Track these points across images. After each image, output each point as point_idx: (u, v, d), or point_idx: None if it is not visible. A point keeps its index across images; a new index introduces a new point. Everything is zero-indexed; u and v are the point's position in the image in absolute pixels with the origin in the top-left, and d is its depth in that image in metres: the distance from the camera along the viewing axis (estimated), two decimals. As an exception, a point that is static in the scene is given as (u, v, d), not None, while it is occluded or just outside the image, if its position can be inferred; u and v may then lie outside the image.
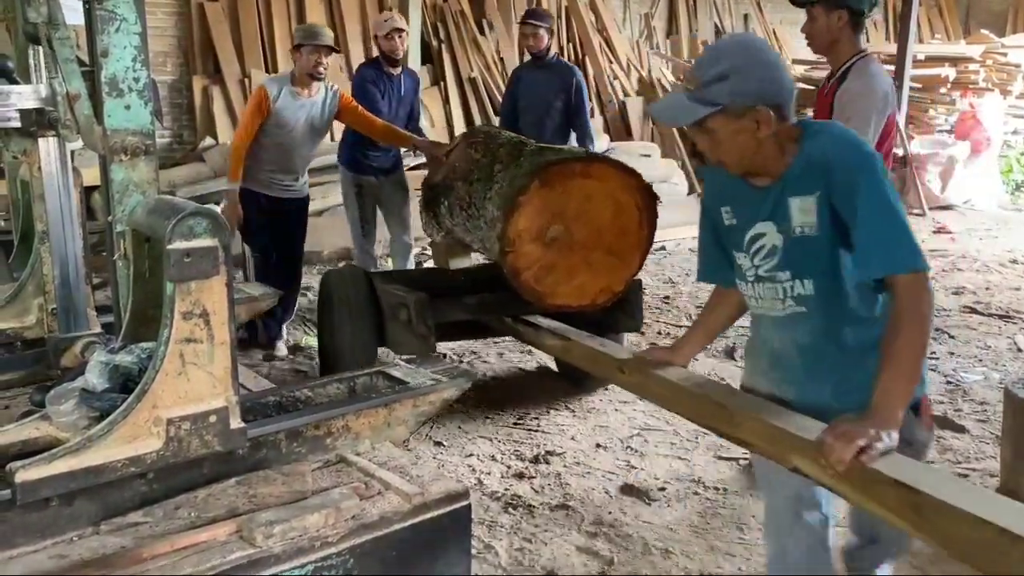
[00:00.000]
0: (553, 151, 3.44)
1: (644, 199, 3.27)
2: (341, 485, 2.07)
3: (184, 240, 1.89)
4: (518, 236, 3.12)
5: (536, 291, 3.22)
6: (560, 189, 3.14)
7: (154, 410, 1.91)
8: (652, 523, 3.06)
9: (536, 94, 5.22)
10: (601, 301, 3.36)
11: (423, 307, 3.35)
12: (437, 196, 3.91)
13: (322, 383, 2.47)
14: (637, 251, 3.34)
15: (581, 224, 3.20)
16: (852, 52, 3.11)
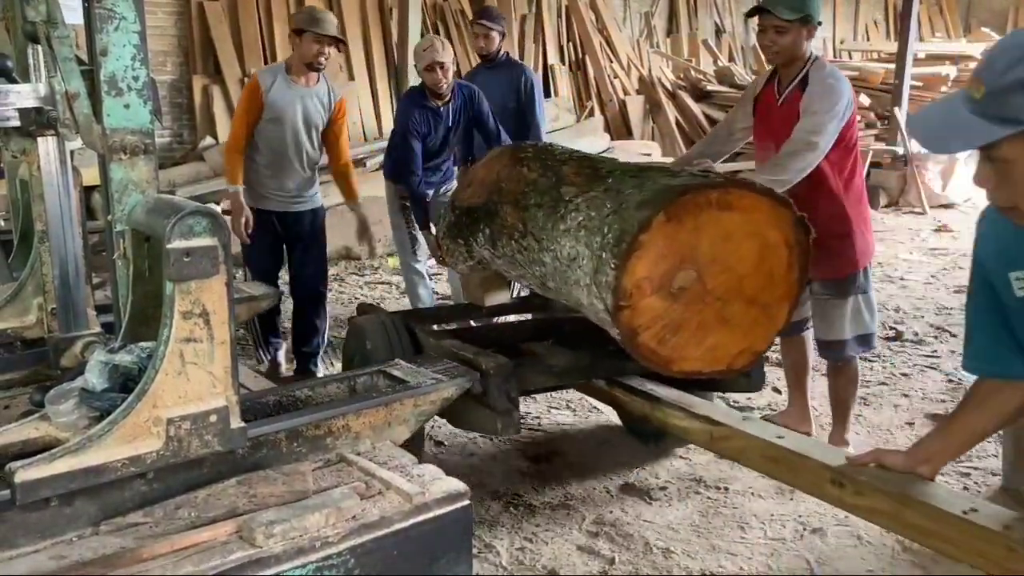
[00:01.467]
0: (670, 173, 2.74)
1: (796, 235, 2.52)
2: (342, 485, 2.07)
3: (183, 239, 1.88)
4: (636, 287, 2.37)
5: (658, 355, 2.48)
6: (691, 225, 2.39)
7: (154, 410, 1.90)
8: (653, 522, 3.06)
9: (494, 97, 4.79)
10: (739, 365, 2.63)
11: (506, 377, 2.67)
12: (473, 221, 3.31)
13: (322, 382, 2.47)
14: (785, 301, 2.57)
15: (717, 269, 2.45)
16: (805, 60, 3.19)
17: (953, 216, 8.44)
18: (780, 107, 3.22)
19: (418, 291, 4.83)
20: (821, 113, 3.05)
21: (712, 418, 2.59)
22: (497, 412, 2.63)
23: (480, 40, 5.04)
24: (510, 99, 4.93)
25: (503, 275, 3.51)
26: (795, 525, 3.02)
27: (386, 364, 2.57)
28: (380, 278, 6.38)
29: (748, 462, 2.55)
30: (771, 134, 3.26)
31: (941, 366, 4.46)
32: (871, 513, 2.10)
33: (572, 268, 2.61)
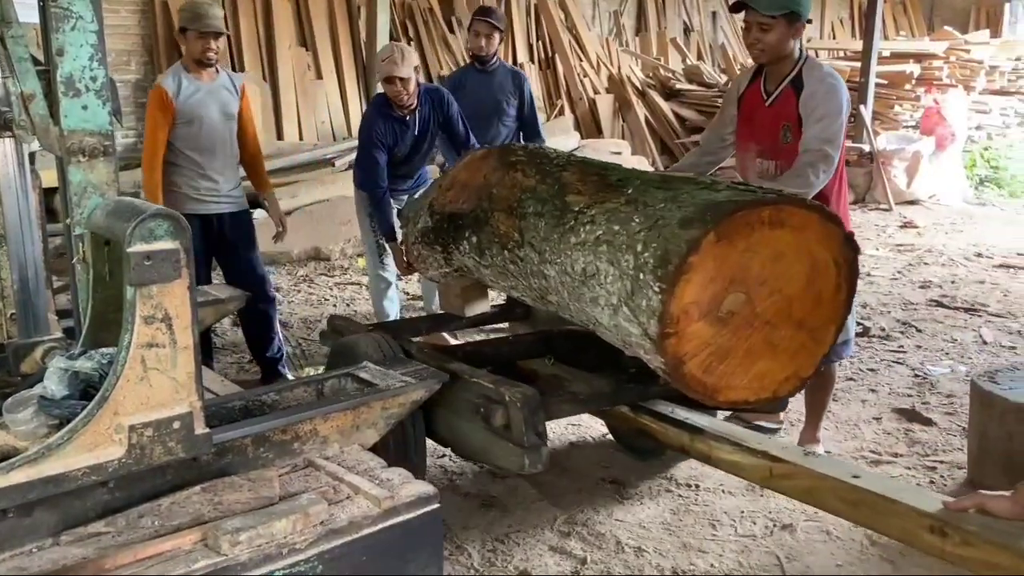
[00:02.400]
0: (704, 184, 2.49)
1: (845, 253, 2.38)
2: (309, 490, 2.05)
3: (144, 243, 1.85)
4: (684, 312, 2.19)
5: (704, 385, 2.31)
6: (742, 245, 2.21)
7: (115, 417, 1.87)
8: (625, 521, 3.06)
9: (487, 101, 4.70)
10: (784, 393, 2.48)
11: (534, 409, 2.46)
12: (456, 228, 3.12)
13: (289, 386, 2.44)
14: (832, 324, 2.43)
15: (766, 291, 2.29)
16: (792, 62, 3.10)
17: (918, 212, 8.55)
18: (769, 107, 3.13)
19: (383, 302, 4.67)
20: (829, 118, 2.96)
21: (771, 453, 2.37)
22: (525, 448, 2.41)
23: (480, 40, 4.75)
24: (510, 104, 4.79)
25: (483, 284, 3.38)
26: (765, 521, 3.04)
27: (355, 367, 2.54)
28: (350, 279, 6.33)
29: (819, 504, 2.33)
30: (755, 135, 3.19)
31: (908, 361, 4.51)
32: (981, 566, 1.92)
33: (589, 285, 2.43)
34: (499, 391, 2.51)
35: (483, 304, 3.56)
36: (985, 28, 13.46)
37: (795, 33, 3.05)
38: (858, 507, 2.18)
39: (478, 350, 3.28)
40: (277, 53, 8.53)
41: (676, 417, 2.67)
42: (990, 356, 4.56)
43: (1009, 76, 10.45)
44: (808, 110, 3.01)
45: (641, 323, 2.25)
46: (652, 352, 2.28)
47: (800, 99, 3.05)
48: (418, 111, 4.26)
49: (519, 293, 3.00)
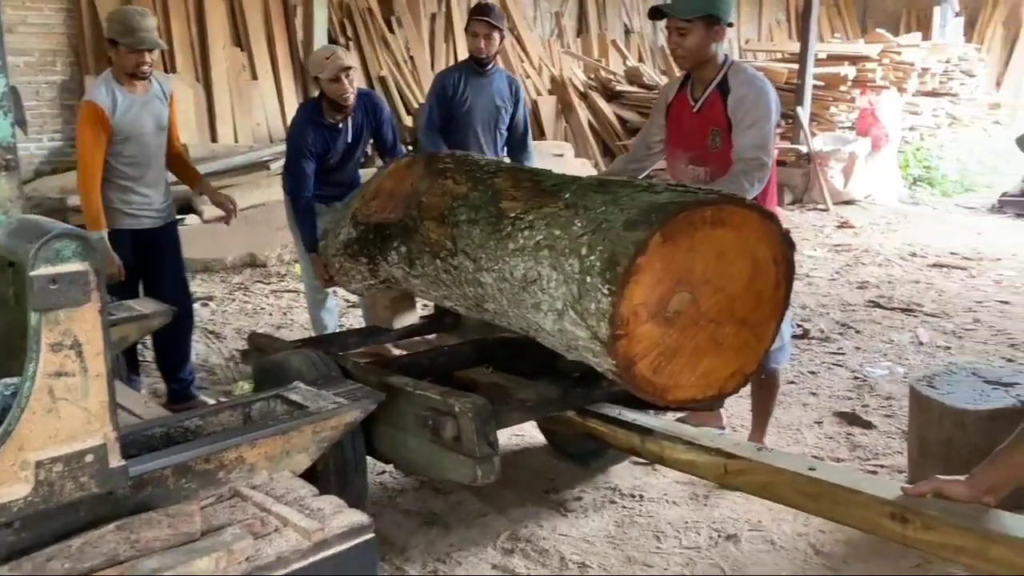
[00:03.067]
0: (643, 187, 2.51)
1: (783, 250, 2.42)
2: (234, 523, 1.94)
3: (50, 265, 1.72)
4: (633, 314, 2.20)
5: (654, 385, 2.32)
6: (686, 244, 2.24)
7: (20, 452, 1.74)
8: (569, 535, 3.00)
9: (485, 107, 4.39)
10: (730, 389, 2.51)
11: (485, 419, 2.42)
12: (383, 238, 3.04)
13: (214, 411, 2.33)
14: (773, 320, 2.47)
15: (710, 290, 2.31)
16: (720, 64, 3.09)
17: (854, 212, 8.69)
18: (696, 114, 3.12)
19: (320, 312, 4.52)
20: (759, 123, 2.95)
21: (725, 450, 2.39)
22: (476, 459, 2.38)
23: (479, 41, 4.33)
24: (507, 111, 4.48)
25: (412, 295, 3.31)
26: (709, 532, 3.01)
27: (284, 388, 2.44)
28: (287, 286, 6.17)
29: (777, 498, 2.35)
30: (684, 142, 3.17)
31: (847, 363, 4.55)
32: (943, 549, 1.96)
33: (530, 291, 2.41)
34: (447, 402, 2.46)
35: (412, 315, 3.48)
36: (915, 31, 13.79)
37: (715, 36, 3.02)
38: (818, 499, 2.21)
39: (414, 362, 3.18)
40: (211, 53, 8.31)
41: (625, 419, 2.67)
42: (926, 357, 4.62)
43: (940, 78, 10.69)
44: (738, 116, 3.00)
45: (590, 326, 2.24)
46: (602, 354, 2.26)
47: (728, 103, 3.04)
48: (351, 117, 4.12)
49: (452, 302, 2.94)
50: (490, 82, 4.45)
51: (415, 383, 2.66)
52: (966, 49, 11.68)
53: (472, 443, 2.40)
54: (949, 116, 10.77)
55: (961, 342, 4.83)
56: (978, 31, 14.02)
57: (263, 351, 3.31)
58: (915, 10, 15.58)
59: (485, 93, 4.42)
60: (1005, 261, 6.66)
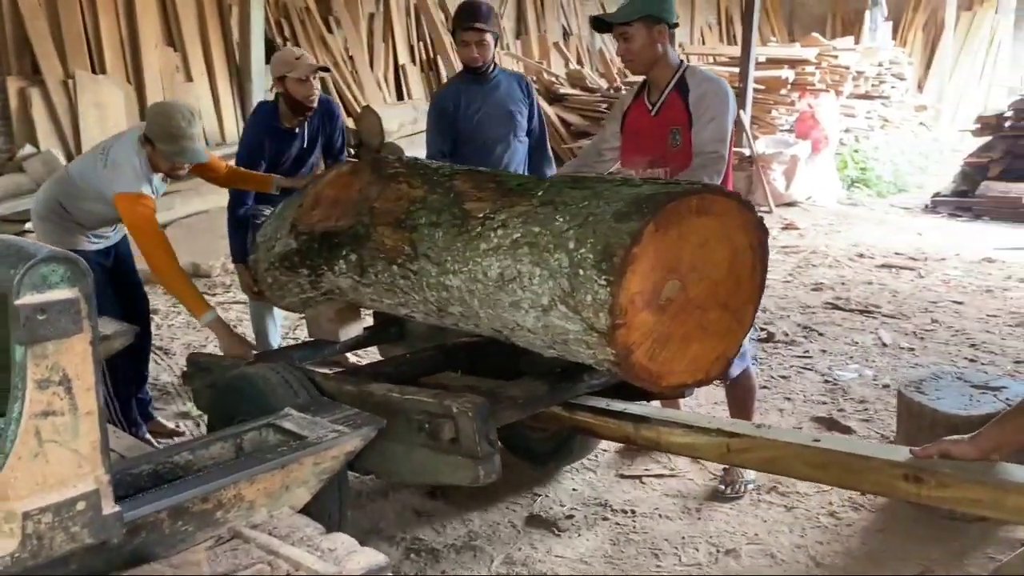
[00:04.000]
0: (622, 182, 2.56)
1: (758, 236, 2.51)
2: (240, 569, 1.78)
3: (36, 292, 1.54)
4: (630, 302, 2.23)
5: (649, 372, 2.36)
6: (675, 233, 2.30)
7: (5, 503, 1.56)
8: (565, 556, 2.90)
9: (495, 114, 3.88)
10: (715, 373, 2.58)
11: (485, 418, 2.40)
12: (330, 247, 2.96)
13: (204, 443, 2.15)
14: (751, 304, 2.56)
15: (696, 277, 2.38)
16: (674, 65, 3.12)
17: (797, 214, 8.79)
18: (654, 117, 3.13)
19: (266, 323, 4.29)
20: (719, 118, 2.99)
21: (725, 430, 2.45)
22: (478, 459, 2.35)
23: (471, 50, 3.77)
24: (520, 115, 3.94)
25: (356, 306, 3.22)
26: (708, 548, 2.94)
27: (275, 415, 2.27)
28: (234, 297, 5.91)
29: (784, 471, 2.43)
30: (642, 148, 3.15)
31: (816, 367, 4.55)
32: (960, 503, 2.06)
33: (508, 290, 2.41)
34: (443, 404, 2.41)
35: (357, 327, 3.34)
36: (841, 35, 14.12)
37: (659, 36, 3.06)
38: (827, 468, 2.26)
39: (380, 371, 3.05)
40: (142, 53, 7.93)
41: (615, 409, 2.67)
42: (892, 359, 4.66)
43: (872, 81, 10.95)
44: (699, 111, 3.03)
45: (586, 318, 2.26)
46: (598, 345, 2.29)
47: (689, 100, 3.06)
48: (308, 122, 3.96)
49: (408, 309, 2.87)
50: (495, 87, 3.93)
51: (400, 389, 2.58)
52: (896, 52, 12.00)
53: (472, 443, 2.37)
54: (881, 118, 11.03)
55: (923, 343, 4.89)
56: (900, 35, 14.45)
57: (207, 371, 3.15)
58: (840, 14, 15.99)
59: (493, 100, 3.90)
60: (949, 261, 6.81)
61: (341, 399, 2.59)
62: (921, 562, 2.81)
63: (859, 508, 3.15)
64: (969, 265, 6.70)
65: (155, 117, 3.35)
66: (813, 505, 3.18)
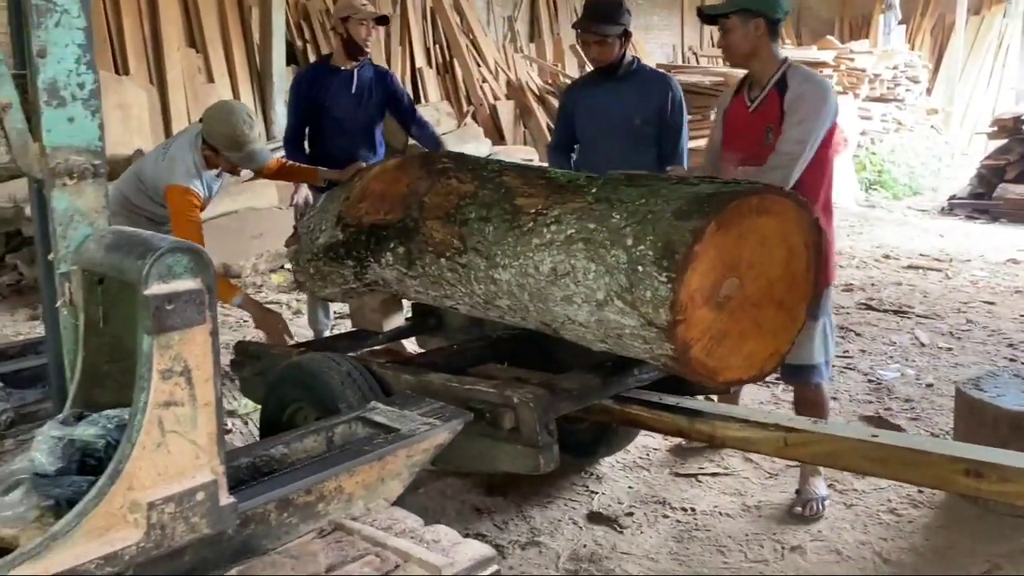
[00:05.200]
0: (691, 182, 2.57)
1: (813, 235, 2.54)
2: (350, 560, 1.78)
3: (163, 283, 1.55)
4: (690, 299, 2.27)
5: (707, 367, 2.40)
6: (736, 232, 2.34)
7: (130, 493, 1.56)
8: (631, 553, 2.90)
9: (611, 117, 3.66)
10: (769, 369, 2.61)
11: (547, 408, 2.44)
12: (378, 240, 3.00)
13: (298, 436, 2.15)
14: (804, 301, 2.59)
15: (754, 275, 2.42)
16: (776, 62, 3.05)
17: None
18: (752, 112, 3.07)
19: (317, 308, 4.43)
20: (809, 120, 2.92)
21: (783, 425, 2.47)
22: (538, 448, 2.39)
23: (592, 50, 3.65)
24: (641, 115, 3.66)
25: (399, 297, 3.28)
26: (772, 544, 2.94)
27: (364, 409, 2.27)
28: (266, 297, 5.91)
29: (842, 465, 2.48)
30: (737, 144, 3.11)
31: (857, 366, 4.56)
32: (1021, 498, 2.08)
33: (560, 284, 2.46)
34: (504, 394, 2.46)
35: (399, 318, 3.40)
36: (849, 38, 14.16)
37: (756, 31, 2.99)
38: (886, 463, 2.30)
39: (430, 361, 3.07)
40: (165, 55, 7.94)
41: (668, 403, 2.69)
42: (931, 358, 4.67)
43: (888, 84, 10.99)
44: (792, 111, 2.97)
45: (644, 313, 2.30)
46: (657, 340, 2.33)
47: (786, 99, 2.99)
48: (360, 73, 4.18)
49: (453, 301, 2.92)
50: (623, 85, 3.67)
51: (459, 379, 2.62)
52: (911, 56, 12.03)
53: (533, 432, 2.41)
54: (895, 121, 11.06)
55: (961, 343, 4.90)
56: (908, 39, 14.49)
57: (256, 359, 3.17)
58: (848, 18, 16.04)
59: (615, 102, 3.66)
60: (974, 262, 6.83)
61: (399, 389, 2.62)
62: (988, 559, 2.81)
63: (919, 505, 3.15)
64: (995, 266, 6.72)
65: (215, 126, 3.38)
66: (872, 503, 3.18)
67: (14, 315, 5.54)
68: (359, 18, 4.06)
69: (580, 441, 3.40)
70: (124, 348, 1.71)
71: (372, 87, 4.22)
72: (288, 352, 3.12)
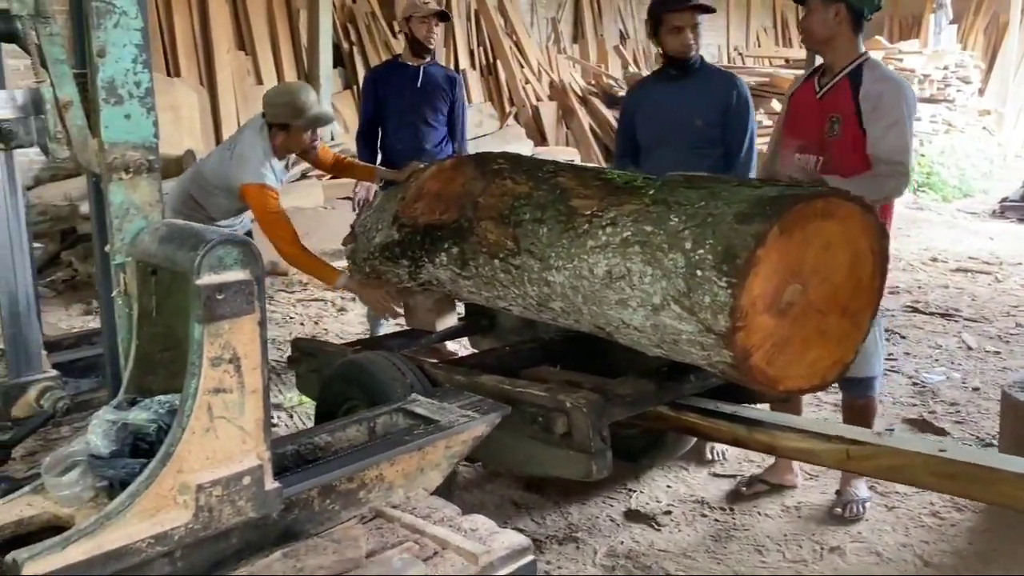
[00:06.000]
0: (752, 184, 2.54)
1: (879, 241, 2.46)
2: (390, 546, 1.83)
3: (214, 273, 1.60)
4: (751, 305, 2.21)
5: (767, 376, 2.33)
6: (799, 237, 2.27)
7: (180, 475, 1.62)
8: (668, 551, 2.91)
9: (672, 118, 3.42)
10: (831, 379, 2.53)
11: (601, 414, 2.42)
12: (432, 240, 3.00)
13: (341, 425, 2.20)
14: (869, 309, 2.51)
15: (818, 281, 2.34)
16: (853, 53, 2.98)
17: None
18: (819, 100, 3.01)
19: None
20: (901, 122, 2.85)
21: (846, 437, 2.41)
22: (591, 454, 2.36)
23: (682, 36, 3.34)
24: (703, 116, 3.41)
25: (452, 297, 3.29)
26: (812, 545, 2.93)
27: (405, 400, 2.32)
28: (312, 295, 6.01)
29: (907, 480, 2.43)
30: (798, 130, 3.06)
31: (902, 369, 4.50)
32: None
33: (615, 288, 2.41)
34: (557, 399, 2.44)
35: (452, 318, 3.41)
36: (899, 38, 13.93)
37: (835, 17, 2.92)
38: (955, 479, 2.24)
39: (482, 362, 3.09)
40: (215, 57, 8.12)
41: (725, 411, 2.63)
42: (978, 362, 4.60)
43: (938, 84, 10.80)
44: (874, 112, 2.89)
45: (702, 319, 2.23)
46: (715, 347, 2.26)
47: (860, 94, 2.92)
48: (427, 70, 4.30)
49: (506, 303, 2.90)
50: (681, 87, 3.44)
51: (511, 381, 2.61)
52: (963, 56, 11.81)
53: (586, 438, 2.39)
54: (945, 122, 10.87)
55: (1009, 347, 4.82)
56: (961, 38, 14.21)
57: (312, 356, 3.22)
58: (898, 18, 15.77)
59: (677, 102, 3.43)
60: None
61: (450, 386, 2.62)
62: (1032, 563, 2.77)
63: (962, 509, 3.11)
64: (1047, 270, 6.58)
65: (275, 101, 3.53)
66: (914, 505, 3.15)
67: (69, 310, 5.71)
68: (420, 16, 4.19)
69: (632, 447, 3.34)
70: (176, 337, 1.78)
71: (438, 85, 4.33)
72: (343, 350, 3.19)
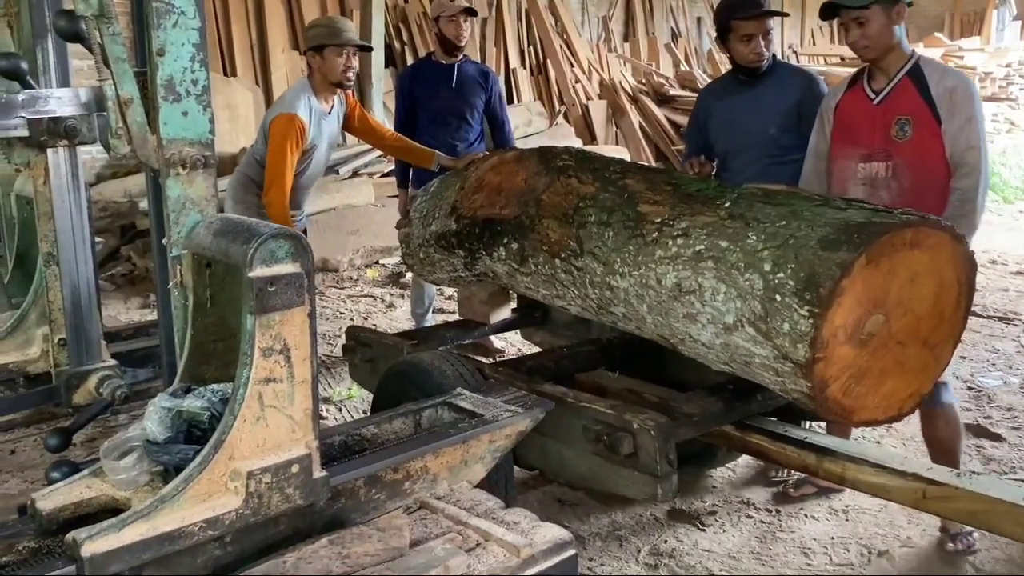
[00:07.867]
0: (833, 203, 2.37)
1: (967, 271, 2.34)
2: (433, 537, 1.85)
3: (266, 266, 1.65)
4: (832, 336, 2.12)
5: (842, 407, 2.25)
6: (886, 267, 2.17)
7: (231, 462, 1.67)
8: (712, 551, 2.90)
9: (745, 128, 3.29)
10: (907, 411, 2.42)
11: (667, 436, 2.35)
12: (492, 234, 2.95)
13: (387, 417, 2.24)
14: (951, 339, 2.39)
15: (900, 312, 2.24)
16: (907, 53, 2.88)
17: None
18: (877, 106, 2.90)
19: (424, 298, 4.63)
20: (975, 117, 2.75)
21: (922, 475, 2.29)
22: (657, 477, 2.30)
23: (758, 43, 3.21)
24: (777, 123, 3.26)
25: (507, 290, 3.27)
26: (859, 548, 2.89)
27: (449, 394, 2.35)
28: (361, 291, 6.10)
29: (989, 527, 2.27)
30: (856, 139, 2.94)
31: (958, 373, 4.39)
32: None
33: (684, 301, 2.34)
34: (623, 418, 2.37)
35: (505, 310, 3.44)
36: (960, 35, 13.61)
37: (897, 19, 2.82)
38: None
39: (540, 364, 3.06)
40: (270, 57, 8.27)
41: (795, 437, 2.53)
42: (1037, 367, 4.49)
43: (1000, 82, 10.53)
44: (950, 107, 2.78)
45: (779, 346, 2.13)
46: (792, 375, 2.16)
47: (932, 93, 2.82)
48: (461, 68, 4.38)
49: (564, 302, 2.85)
50: (754, 92, 3.29)
51: (575, 394, 2.56)
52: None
53: (653, 461, 2.32)
54: (1007, 121, 10.59)
55: (1069, 352, 4.69)
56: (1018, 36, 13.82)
57: (366, 345, 3.26)
58: (959, 15, 15.42)
59: (749, 110, 3.29)
60: (1089, 269, 6.50)
61: None
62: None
63: None
64: (1111, 274, 6.37)
65: (311, 31, 3.72)
66: (966, 511, 3.09)
67: (127, 303, 5.87)
68: (448, 15, 4.29)
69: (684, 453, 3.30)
70: (228, 328, 1.83)
71: (472, 81, 4.41)
72: (398, 342, 3.19)
